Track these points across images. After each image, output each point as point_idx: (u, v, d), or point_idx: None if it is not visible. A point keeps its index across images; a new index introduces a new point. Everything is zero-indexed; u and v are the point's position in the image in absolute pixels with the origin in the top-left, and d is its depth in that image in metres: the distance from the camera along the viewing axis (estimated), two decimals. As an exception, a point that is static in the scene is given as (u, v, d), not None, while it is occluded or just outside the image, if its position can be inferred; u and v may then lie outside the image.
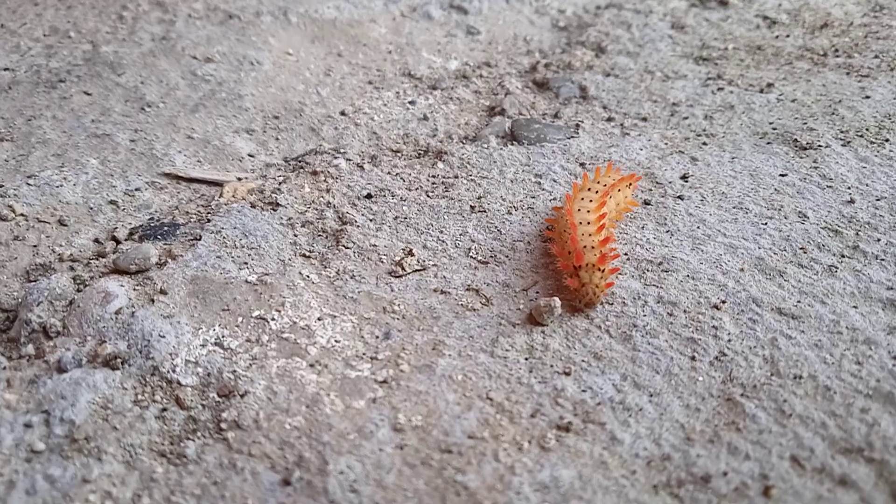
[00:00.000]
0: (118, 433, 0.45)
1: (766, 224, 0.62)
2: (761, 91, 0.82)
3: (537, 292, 0.56)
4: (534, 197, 0.66)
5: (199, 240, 0.60)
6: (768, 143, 0.73)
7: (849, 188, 0.66)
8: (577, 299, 0.54)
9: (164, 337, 0.50)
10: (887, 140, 0.72)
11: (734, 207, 0.64)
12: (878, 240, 0.60)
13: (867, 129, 0.74)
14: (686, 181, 0.68)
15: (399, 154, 0.74)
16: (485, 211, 0.64)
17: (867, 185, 0.67)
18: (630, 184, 0.63)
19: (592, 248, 0.54)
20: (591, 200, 0.59)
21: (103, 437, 0.45)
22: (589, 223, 0.56)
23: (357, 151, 0.74)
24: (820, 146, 0.72)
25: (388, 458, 0.43)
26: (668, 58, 0.91)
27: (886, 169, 0.68)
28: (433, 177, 0.69)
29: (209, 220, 0.63)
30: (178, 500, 0.41)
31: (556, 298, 0.53)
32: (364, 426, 0.45)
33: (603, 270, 0.53)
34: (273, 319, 0.53)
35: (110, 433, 0.45)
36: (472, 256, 0.59)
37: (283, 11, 0.99)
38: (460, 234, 0.62)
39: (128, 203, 0.66)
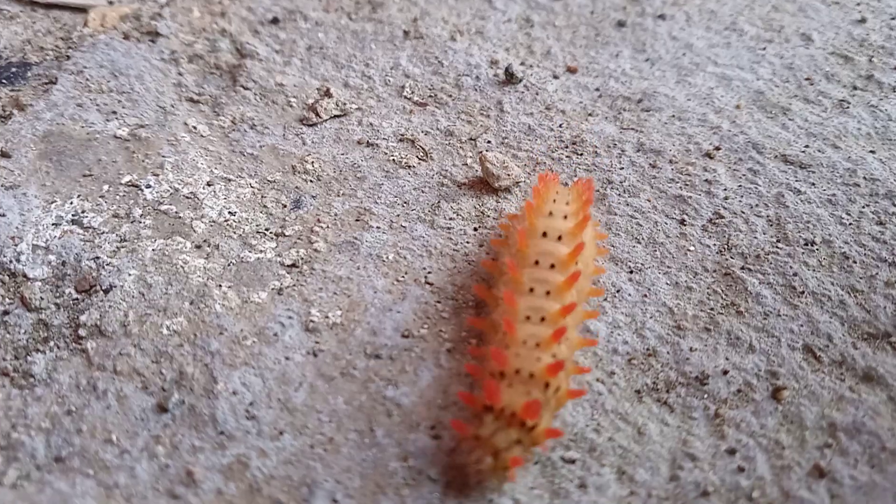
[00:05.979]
0: (-58, 346, 0.34)
1: (764, 49, 0.51)
2: None
3: (489, 142, 0.45)
4: (483, 18, 0.53)
5: (55, 83, 0.47)
6: (764, -51, 0.60)
7: (858, 4, 0.56)
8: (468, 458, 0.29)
9: (4, 215, 0.39)
10: (904, -57, 0.60)
11: (726, 29, 0.53)
12: (896, 67, 0.50)
13: (880, -70, 0.61)
14: (667, -3, 0.55)
15: (315, -33, 0.59)
16: (422, 37, 0.52)
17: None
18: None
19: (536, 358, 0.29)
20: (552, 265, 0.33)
21: (-78, 352, 0.34)
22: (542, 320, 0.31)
23: (262, -36, 0.59)
24: (823, -48, 0.60)
25: (296, 371, 0.33)
26: None
27: (901, -21, 0.57)
28: (357, -5, 0.55)
29: (69, 58, 0.49)
30: (21, 438, 0.31)
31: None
32: (266, 327, 0.35)
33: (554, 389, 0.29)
34: (149, 187, 0.41)
35: (-69, 347, 0.34)
36: (406, 97, 0.47)
37: None
38: (391, 68, 0.49)
39: (-36, 36, 0.51)
